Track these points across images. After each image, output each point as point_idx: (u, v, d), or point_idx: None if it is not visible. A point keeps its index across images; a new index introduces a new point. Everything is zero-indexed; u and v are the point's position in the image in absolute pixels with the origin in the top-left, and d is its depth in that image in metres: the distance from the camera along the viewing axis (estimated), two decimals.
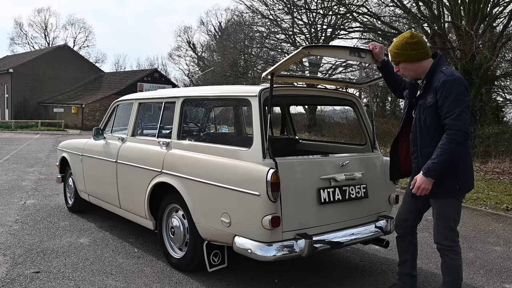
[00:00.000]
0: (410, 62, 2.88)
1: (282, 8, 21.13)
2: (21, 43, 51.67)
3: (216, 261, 3.52)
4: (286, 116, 5.25)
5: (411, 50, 2.85)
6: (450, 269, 2.94)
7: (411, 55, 2.86)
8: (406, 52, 2.86)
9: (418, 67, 2.89)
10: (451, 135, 2.67)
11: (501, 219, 6.09)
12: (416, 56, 2.86)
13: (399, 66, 2.94)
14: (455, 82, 2.69)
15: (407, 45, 2.86)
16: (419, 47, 2.86)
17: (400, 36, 2.93)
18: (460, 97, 2.67)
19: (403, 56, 2.87)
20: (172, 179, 3.69)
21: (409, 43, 2.86)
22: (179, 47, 49.61)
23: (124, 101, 4.99)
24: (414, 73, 2.94)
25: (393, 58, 2.94)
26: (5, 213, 5.67)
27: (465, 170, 2.87)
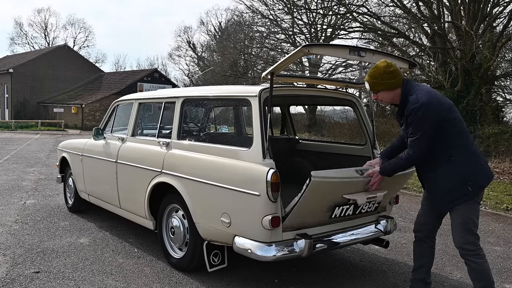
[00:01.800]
0: (389, 90, 3.00)
1: (282, 8, 21.16)
2: (21, 43, 51.69)
3: (216, 261, 3.52)
4: (286, 116, 5.25)
5: (389, 79, 2.96)
6: (478, 275, 2.90)
7: (390, 84, 2.97)
8: (385, 81, 2.96)
9: (396, 94, 3.02)
10: (408, 154, 2.93)
11: (501, 219, 6.09)
12: (395, 84, 2.97)
13: (378, 94, 3.05)
14: (418, 109, 2.82)
15: (385, 75, 2.95)
16: (396, 75, 2.96)
17: (376, 66, 3.01)
18: (421, 123, 2.82)
19: (383, 85, 2.98)
20: (172, 179, 3.69)
21: (387, 72, 2.95)
22: (179, 47, 49.65)
23: (124, 101, 4.99)
24: (391, 100, 3.07)
25: (372, 88, 3.04)
26: (5, 213, 5.67)
27: (472, 168, 2.86)
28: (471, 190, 2.86)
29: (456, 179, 2.85)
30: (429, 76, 14.69)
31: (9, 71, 29.49)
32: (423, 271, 3.20)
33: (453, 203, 2.89)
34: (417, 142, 2.85)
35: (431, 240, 3.21)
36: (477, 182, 2.88)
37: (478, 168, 2.90)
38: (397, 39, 16.70)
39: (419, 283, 3.21)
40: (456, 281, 3.77)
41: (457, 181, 2.85)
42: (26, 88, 30.05)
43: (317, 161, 4.67)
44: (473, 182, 2.86)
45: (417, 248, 3.24)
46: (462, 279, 3.82)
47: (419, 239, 3.23)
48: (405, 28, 15.49)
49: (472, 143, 2.95)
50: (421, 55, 15.65)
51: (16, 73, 29.58)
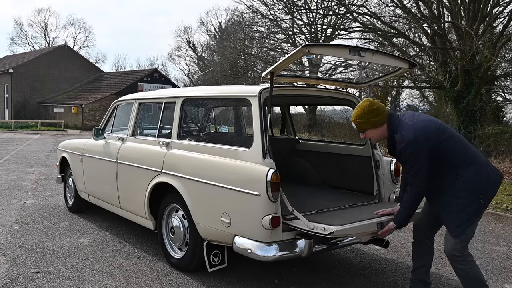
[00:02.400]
0: (375, 128, 3.02)
1: (282, 8, 21.14)
2: (21, 43, 51.60)
3: (216, 261, 3.52)
4: (286, 116, 5.25)
5: (374, 117, 2.98)
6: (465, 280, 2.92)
7: (375, 121, 2.99)
8: (370, 119, 2.98)
9: (383, 130, 3.03)
10: (411, 192, 2.90)
11: (501, 219, 6.09)
12: (380, 121, 2.99)
13: (366, 133, 3.07)
14: (407, 148, 2.83)
15: (369, 113, 2.98)
16: (380, 112, 2.98)
17: (359, 106, 3.04)
18: (413, 158, 2.82)
19: (369, 124, 3.00)
20: (172, 179, 3.69)
21: (370, 110, 2.98)
22: (179, 47, 49.62)
23: (124, 101, 4.99)
24: (379, 137, 3.09)
25: (359, 128, 3.06)
26: (5, 213, 5.67)
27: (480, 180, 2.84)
28: (483, 203, 2.85)
29: (468, 195, 2.82)
30: (429, 76, 14.69)
31: (9, 71, 29.47)
32: (422, 271, 3.21)
33: (470, 220, 2.85)
34: (416, 177, 2.85)
35: (430, 241, 3.21)
36: (487, 194, 2.87)
37: (485, 178, 2.87)
38: (397, 39, 16.69)
39: (419, 283, 3.21)
40: (456, 281, 3.77)
41: (469, 197, 2.82)
42: (26, 88, 30.04)
43: (317, 161, 4.67)
44: (484, 195, 2.85)
45: (416, 249, 3.24)
46: None
47: (418, 240, 3.23)
48: (405, 28, 15.48)
49: (473, 153, 2.90)
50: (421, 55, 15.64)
51: (16, 73, 29.57)
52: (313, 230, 2.91)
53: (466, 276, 2.90)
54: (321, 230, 2.86)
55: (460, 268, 2.90)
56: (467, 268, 2.88)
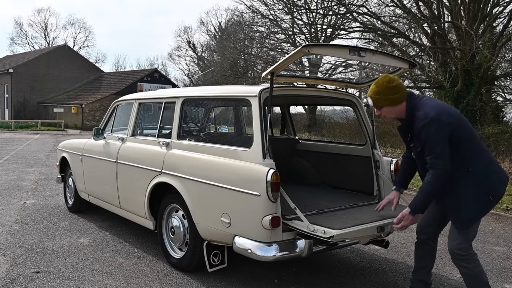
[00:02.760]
0: (393, 106, 2.91)
1: (282, 8, 21.15)
2: (21, 43, 51.61)
3: (216, 261, 3.52)
4: (286, 116, 5.25)
5: (392, 94, 2.87)
6: (468, 279, 2.89)
7: (393, 99, 2.88)
8: (388, 96, 2.88)
9: (400, 109, 2.93)
10: (434, 175, 2.74)
11: (501, 219, 6.09)
12: (399, 99, 2.89)
13: (382, 110, 2.97)
14: (430, 125, 2.72)
15: (388, 90, 2.87)
16: (399, 90, 2.88)
17: (378, 81, 2.94)
18: (436, 137, 2.71)
19: (386, 101, 2.90)
20: (172, 179, 3.70)
21: (389, 87, 2.87)
22: (179, 47, 49.62)
23: (124, 101, 4.99)
24: (395, 115, 2.98)
25: (375, 104, 2.95)
26: (5, 213, 5.67)
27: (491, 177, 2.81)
28: (492, 200, 2.80)
29: (478, 190, 2.77)
30: (429, 76, 14.70)
31: (9, 71, 29.47)
32: (424, 272, 3.18)
33: (477, 216, 2.82)
34: (439, 158, 2.71)
35: (433, 242, 3.17)
36: (496, 191, 2.82)
37: (496, 175, 2.83)
38: (397, 39, 16.69)
39: (420, 284, 3.19)
40: (456, 281, 3.77)
41: (479, 193, 2.77)
42: (26, 88, 30.03)
43: (317, 161, 4.67)
44: (494, 192, 2.80)
45: (419, 250, 3.20)
46: (462, 279, 3.81)
47: (421, 240, 3.18)
48: (405, 28, 15.48)
49: (485, 149, 2.87)
50: (421, 55, 15.64)
51: (16, 73, 29.57)
52: (313, 232, 2.91)
53: (469, 274, 2.87)
54: (322, 233, 2.86)
55: (464, 266, 2.87)
56: (471, 267, 2.86)
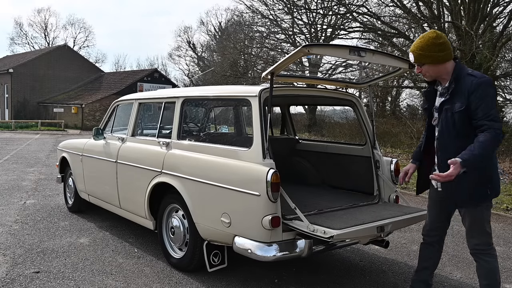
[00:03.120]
0: (435, 65, 2.72)
1: (282, 8, 21.15)
2: (21, 43, 51.62)
3: (216, 261, 3.52)
4: (286, 116, 5.25)
5: (437, 52, 2.68)
6: (487, 273, 2.82)
7: (437, 57, 2.69)
8: (432, 53, 2.68)
9: (442, 69, 2.74)
10: (493, 134, 2.53)
11: (501, 219, 6.09)
12: (443, 58, 2.70)
13: (423, 67, 2.76)
14: (490, 85, 2.60)
15: (433, 46, 2.67)
16: (445, 48, 2.68)
17: (424, 36, 2.72)
18: (494, 100, 2.60)
19: (429, 58, 2.70)
20: (172, 179, 3.69)
21: (435, 44, 2.67)
22: (179, 47, 49.62)
23: (124, 101, 4.99)
24: (436, 75, 2.79)
25: (417, 60, 2.75)
26: (5, 213, 5.67)
27: (496, 174, 2.79)
28: (489, 194, 2.76)
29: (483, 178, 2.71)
30: None
31: (9, 71, 29.47)
32: (427, 273, 3.13)
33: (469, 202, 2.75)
34: (497, 120, 2.54)
35: (439, 245, 3.10)
36: (495, 190, 2.78)
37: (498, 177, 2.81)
38: (397, 39, 16.70)
39: (421, 284, 3.14)
40: (456, 281, 3.77)
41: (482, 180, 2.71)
42: (26, 88, 30.04)
43: (317, 161, 4.67)
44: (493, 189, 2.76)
45: (425, 251, 3.13)
46: (462, 279, 3.82)
47: (428, 243, 3.10)
48: (405, 28, 15.48)
49: None
50: None
51: (16, 73, 29.57)
52: (313, 232, 2.90)
53: (488, 268, 2.81)
54: (322, 233, 2.86)
55: (486, 260, 2.80)
56: (492, 261, 2.81)
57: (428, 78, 2.85)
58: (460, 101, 2.66)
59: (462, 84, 2.67)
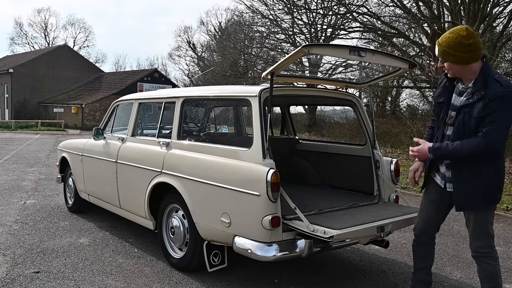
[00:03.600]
0: (459, 64, 2.58)
1: (282, 8, 21.15)
2: (21, 43, 51.62)
3: (216, 261, 3.52)
4: (286, 116, 5.25)
5: (464, 53, 2.53)
6: (489, 276, 2.80)
7: (463, 58, 2.54)
8: (458, 53, 2.53)
9: (467, 69, 2.61)
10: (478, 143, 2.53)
11: (501, 219, 6.09)
12: (468, 59, 2.55)
13: (446, 64, 2.64)
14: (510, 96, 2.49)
15: (461, 46, 2.52)
16: (473, 49, 2.52)
17: (454, 31, 2.54)
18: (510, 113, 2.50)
19: (454, 58, 2.56)
20: (172, 179, 3.69)
21: (464, 44, 2.50)
22: (179, 47, 49.63)
23: (124, 101, 4.99)
24: (458, 74, 2.68)
25: (441, 56, 2.61)
26: (5, 213, 5.67)
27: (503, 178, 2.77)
28: (498, 197, 2.74)
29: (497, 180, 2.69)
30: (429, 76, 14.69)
31: (9, 71, 29.47)
32: (425, 272, 3.13)
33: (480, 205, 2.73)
34: (495, 132, 2.49)
35: (432, 241, 3.11)
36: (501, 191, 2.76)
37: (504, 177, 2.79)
38: (397, 39, 16.71)
39: (422, 284, 3.12)
40: (456, 281, 3.77)
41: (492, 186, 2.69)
42: (26, 88, 30.04)
43: (317, 161, 4.67)
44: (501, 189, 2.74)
45: (420, 251, 3.11)
46: (462, 279, 3.82)
47: (423, 242, 3.08)
48: (405, 28, 15.49)
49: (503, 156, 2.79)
50: (421, 55, 15.64)
51: (16, 73, 29.57)
52: (313, 232, 2.90)
53: (490, 272, 2.79)
54: (322, 233, 2.86)
55: (488, 263, 2.79)
56: (494, 264, 2.80)
57: (450, 75, 2.74)
58: (479, 107, 2.57)
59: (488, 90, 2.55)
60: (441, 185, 2.90)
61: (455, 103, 2.75)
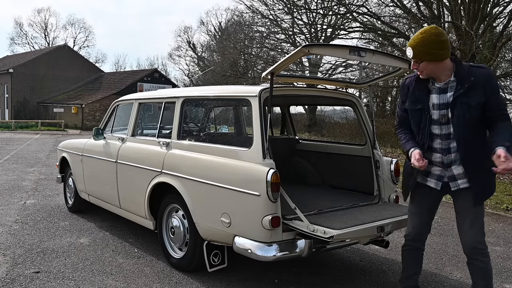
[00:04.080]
0: (434, 62, 2.61)
1: (282, 8, 21.16)
2: (21, 43, 51.64)
3: (216, 261, 3.52)
4: (286, 116, 5.25)
5: (439, 50, 2.56)
6: (485, 273, 2.76)
7: (438, 55, 2.57)
8: (432, 51, 2.56)
9: (442, 66, 2.63)
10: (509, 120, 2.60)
11: (501, 219, 6.09)
12: (443, 56, 2.59)
13: (420, 64, 2.64)
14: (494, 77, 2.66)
15: (436, 44, 2.55)
16: (446, 45, 2.57)
17: (426, 31, 2.58)
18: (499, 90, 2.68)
19: (429, 56, 2.58)
20: (172, 179, 3.69)
21: (438, 41, 2.54)
22: (179, 47, 49.64)
23: (124, 101, 4.99)
24: (431, 73, 2.68)
25: (416, 56, 2.61)
26: (5, 213, 5.67)
27: None
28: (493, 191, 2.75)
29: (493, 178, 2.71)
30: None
31: (9, 71, 29.48)
32: (416, 278, 3.06)
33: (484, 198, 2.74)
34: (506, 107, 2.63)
35: (423, 246, 3.04)
36: None
37: None
38: (397, 39, 16.70)
39: None
40: (456, 281, 3.77)
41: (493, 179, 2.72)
42: (26, 88, 30.04)
43: (317, 161, 4.67)
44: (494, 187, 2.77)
45: (412, 256, 3.04)
46: (462, 279, 3.82)
47: (416, 247, 3.01)
48: (405, 28, 15.49)
49: None
50: None
51: (16, 73, 29.58)
52: (313, 232, 2.90)
53: (485, 269, 2.75)
54: (322, 233, 2.86)
55: (482, 261, 2.74)
56: (487, 260, 2.75)
57: (423, 76, 2.73)
58: (478, 94, 2.59)
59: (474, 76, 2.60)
60: (436, 187, 2.82)
61: (441, 102, 2.71)
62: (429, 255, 4.39)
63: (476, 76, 2.60)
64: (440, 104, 2.72)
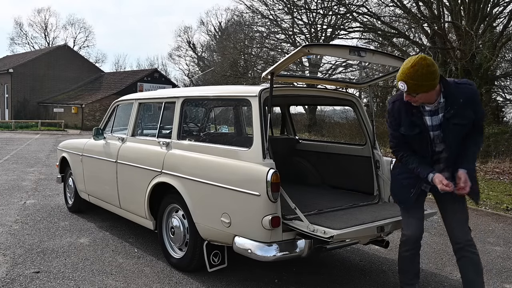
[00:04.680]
0: (429, 92, 2.59)
1: (282, 8, 21.16)
2: (21, 43, 51.63)
3: (216, 261, 3.52)
4: (286, 116, 5.25)
5: (433, 80, 2.54)
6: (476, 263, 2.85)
7: (432, 85, 2.56)
8: (429, 83, 2.53)
9: (434, 92, 2.63)
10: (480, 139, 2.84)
11: (501, 219, 6.09)
12: (435, 84, 2.58)
13: (416, 97, 2.62)
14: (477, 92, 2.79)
15: (430, 75, 2.52)
16: (437, 73, 2.56)
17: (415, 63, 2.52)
18: None
19: (424, 88, 2.55)
20: (172, 179, 3.69)
21: (430, 72, 2.51)
22: (179, 47, 49.63)
23: (124, 101, 4.99)
24: (427, 101, 2.68)
25: (412, 91, 2.57)
26: (5, 213, 5.67)
27: None
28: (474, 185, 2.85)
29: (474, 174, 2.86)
30: None
31: (9, 71, 29.48)
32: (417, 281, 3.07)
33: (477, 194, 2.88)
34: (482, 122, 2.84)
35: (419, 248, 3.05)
36: None
37: None
38: (397, 39, 16.70)
39: None
40: (456, 281, 3.77)
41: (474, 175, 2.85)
42: (26, 88, 30.04)
43: (317, 161, 4.67)
44: None
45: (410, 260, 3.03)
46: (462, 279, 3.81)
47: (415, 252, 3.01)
48: (405, 28, 15.49)
49: None
50: None
51: (16, 73, 29.58)
52: (313, 232, 2.90)
53: (478, 261, 2.86)
54: (322, 233, 2.86)
55: (474, 252, 2.85)
56: (476, 251, 2.87)
57: (417, 104, 2.72)
58: (468, 113, 2.70)
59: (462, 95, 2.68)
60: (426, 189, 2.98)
61: (434, 124, 2.76)
62: (429, 255, 4.39)
63: (464, 97, 2.68)
64: (433, 126, 2.78)
